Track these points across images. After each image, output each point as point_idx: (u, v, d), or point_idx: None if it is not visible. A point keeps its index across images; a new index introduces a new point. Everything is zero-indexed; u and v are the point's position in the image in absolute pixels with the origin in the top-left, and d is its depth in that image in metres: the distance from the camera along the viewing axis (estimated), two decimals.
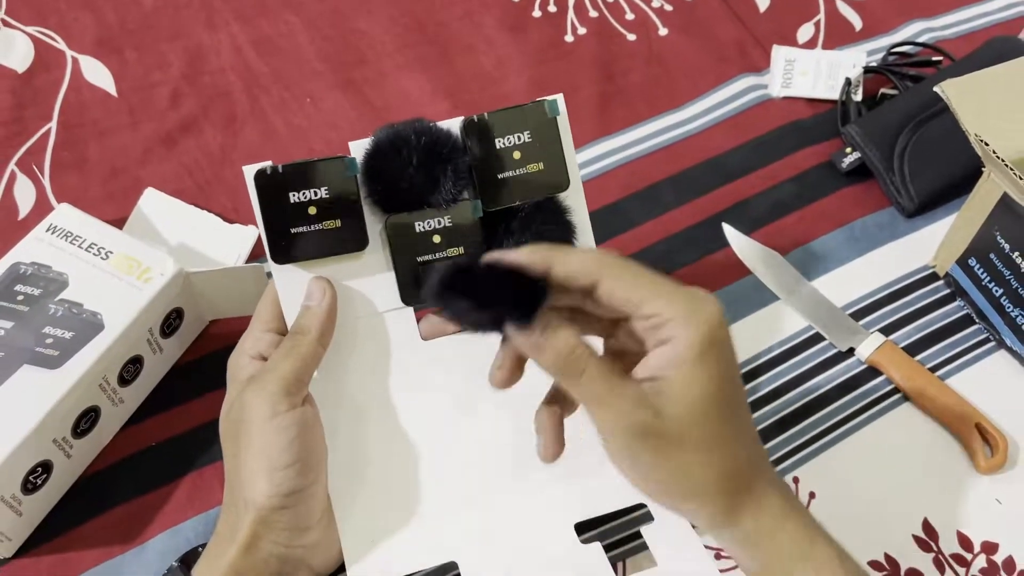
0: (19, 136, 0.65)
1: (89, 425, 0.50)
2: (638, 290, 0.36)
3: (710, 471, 0.37)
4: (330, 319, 0.43)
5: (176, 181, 0.64)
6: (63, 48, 0.70)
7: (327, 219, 0.42)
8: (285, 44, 0.73)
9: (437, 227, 0.43)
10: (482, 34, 0.75)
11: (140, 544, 0.49)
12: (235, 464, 0.41)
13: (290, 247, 0.42)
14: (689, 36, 0.76)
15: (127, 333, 0.49)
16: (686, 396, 0.36)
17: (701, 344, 0.35)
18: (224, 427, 0.43)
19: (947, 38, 0.77)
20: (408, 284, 0.44)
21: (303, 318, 0.42)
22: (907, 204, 0.65)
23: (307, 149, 0.67)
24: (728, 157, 0.68)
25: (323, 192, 0.41)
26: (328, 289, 0.43)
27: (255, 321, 0.45)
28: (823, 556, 0.39)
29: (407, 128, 0.42)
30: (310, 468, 0.41)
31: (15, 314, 0.49)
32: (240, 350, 0.44)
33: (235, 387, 0.43)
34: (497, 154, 0.43)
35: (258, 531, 0.39)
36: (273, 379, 0.40)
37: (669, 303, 0.36)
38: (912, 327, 0.60)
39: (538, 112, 0.44)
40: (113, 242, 0.52)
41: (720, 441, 0.37)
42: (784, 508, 0.39)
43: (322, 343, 0.42)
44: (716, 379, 0.36)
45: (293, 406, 0.40)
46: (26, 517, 0.48)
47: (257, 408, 0.40)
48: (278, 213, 0.41)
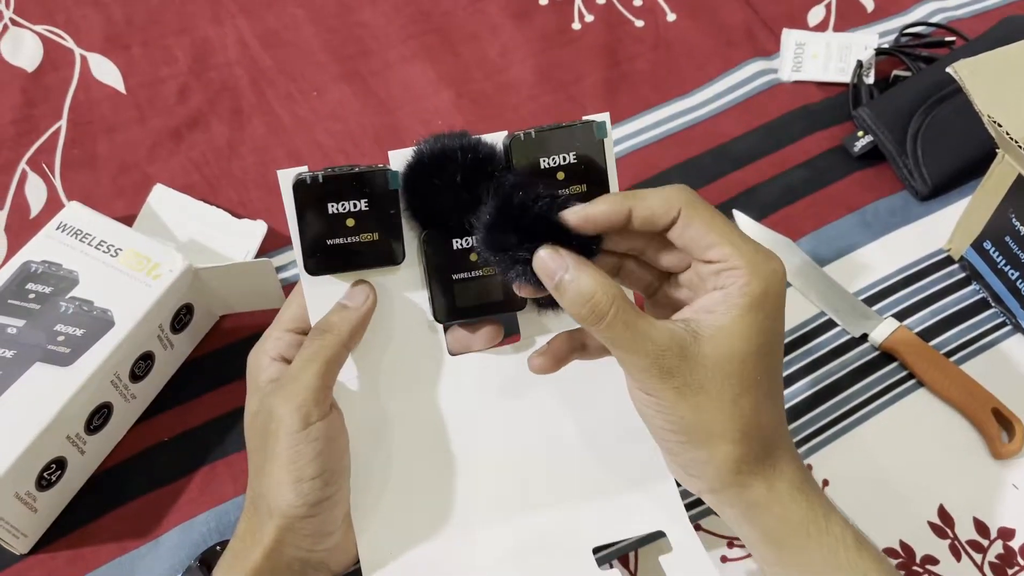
0: (29, 135, 0.65)
1: (102, 421, 0.50)
2: (711, 232, 0.37)
3: (731, 420, 0.36)
4: (363, 324, 0.41)
5: (185, 176, 0.64)
6: (71, 46, 0.70)
7: (365, 232, 0.40)
8: (290, 37, 0.72)
9: (474, 245, 0.42)
10: (487, 22, 0.74)
11: (154, 539, 0.49)
12: (261, 471, 0.40)
13: (324, 259, 0.40)
14: (697, 21, 0.75)
15: (138, 329, 0.50)
16: (726, 341, 0.36)
17: (757, 296, 0.36)
18: (250, 433, 0.42)
19: (960, 18, 0.76)
20: (441, 301, 0.43)
21: (335, 315, 0.41)
22: (920, 187, 0.64)
23: (312, 141, 0.67)
24: (738, 143, 0.68)
25: (363, 204, 0.40)
26: (371, 295, 0.41)
27: (277, 321, 0.43)
28: (839, 533, 0.38)
29: (453, 143, 0.41)
30: (335, 477, 0.40)
31: (27, 312, 0.49)
32: (260, 350, 0.43)
33: (256, 389, 0.42)
34: (541, 174, 0.42)
35: (283, 537, 0.39)
36: (300, 389, 0.39)
37: (738, 251, 0.36)
38: (927, 312, 0.59)
39: (585, 133, 0.42)
40: (122, 239, 0.52)
41: (748, 394, 0.37)
42: (800, 480, 0.38)
43: (348, 346, 0.41)
44: (761, 334, 0.36)
45: (322, 416, 0.39)
46: (41, 513, 0.48)
47: (286, 419, 0.39)
48: (314, 224, 0.40)
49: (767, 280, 0.36)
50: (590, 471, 0.46)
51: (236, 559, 0.40)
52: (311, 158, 0.66)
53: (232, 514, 0.50)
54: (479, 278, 0.42)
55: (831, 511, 0.39)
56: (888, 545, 0.51)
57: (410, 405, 0.44)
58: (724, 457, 0.37)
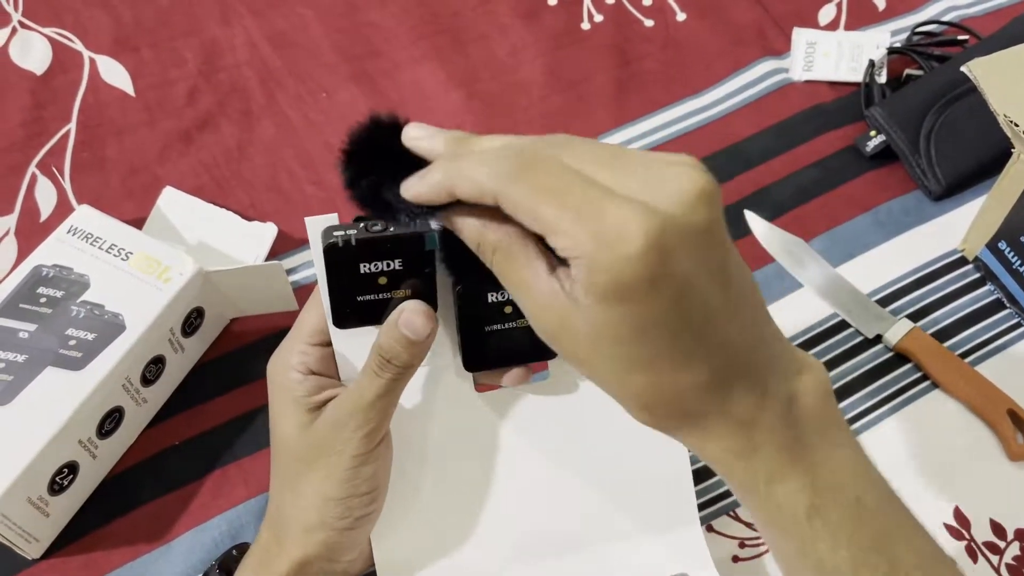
0: (39, 138, 0.65)
1: (113, 425, 0.50)
2: (537, 221, 0.29)
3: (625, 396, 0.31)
4: (424, 354, 0.40)
5: (194, 178, 0.64)
6: (80, 49, 0.70)
7: (397, 289, 0.39)
8: (299, 37, 0.72)
9: (509, 298, 0.41)
10: (496, 22, 0.74)
11: (166, 543, 0.49)
12: (297, 484, 0.40)
13: (354, 314, 0.40)
14: (707, 21, 0.75)
15: (149, 333, 0.50)
16: (587, 332, 0.29)
17: (607, 291, 0.28)
18: (293, 447, 0.40)
19: (973, 16, 0.76)
20: (472, 351, 0.42)
21: (408, 352, 0.38)
22: (934, 187, 0.63)
23: (323, 143, 0.66)
24: (749, 143, 0.67)
25: (396, 264, 0.39)
26: (435, 326, 0.39)
27: (298, 332, 0.42)
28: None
29: None
30: (380, 494, 0.41)
31: (38, 316, 0.49)
32: (285, 363, 0.41)
33: (291, 402, 0.40)
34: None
35: (319, 552, 0.40)
36: (374, 415, 0.38)
37: (572, 236, 0.28)
38: (941, 312, 0.59)
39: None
40: (133, 243, 0.52)
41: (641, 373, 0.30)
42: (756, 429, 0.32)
43: (411, 375, 0.40)
44: (626, 323, 0.28)
45: (383, 439, 0.40)
46: (53, 518, 0.48)
47: (353, 442, 0.39)
48: (345, 282, 0.39)
49: (613, 270, 0.27)
50: (615, 512, 0.46)
51: (261, 567, 0.40)
52: (321, 159, 0.65)
53: (244, 517, 0.50)
54: (512, 329, 0.41)
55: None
56: None
57: (436, 439, 0.44)
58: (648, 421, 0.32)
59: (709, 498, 0.51)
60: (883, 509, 0.33)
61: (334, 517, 0.39)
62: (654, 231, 0.26)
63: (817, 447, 0.32)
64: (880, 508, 0.33)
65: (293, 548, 0.40)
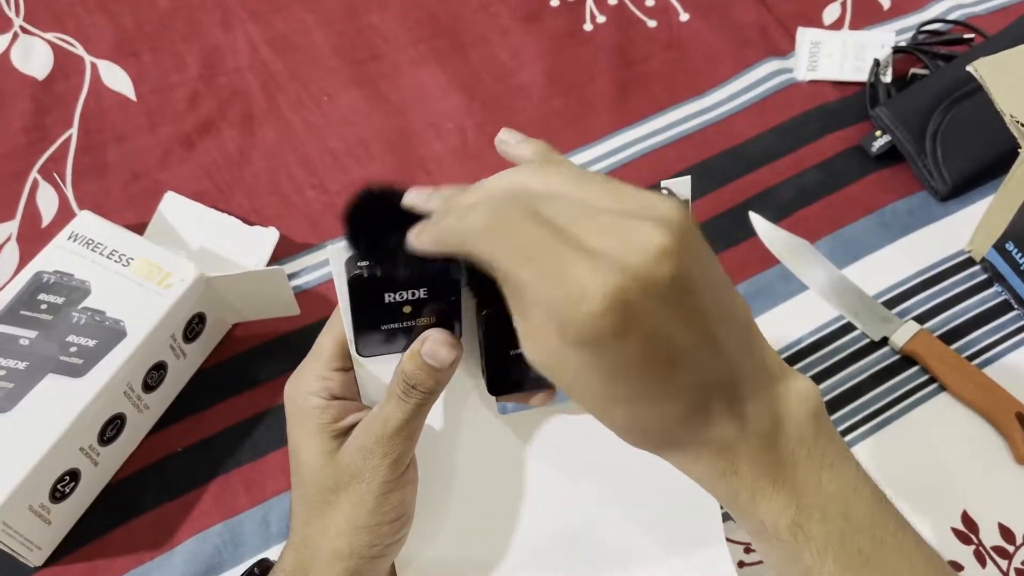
0: (41, 143, 0.65)
1: (115, 432, 0.50)
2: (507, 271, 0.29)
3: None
4: (448, 380, 0.40)
5: (196, 183, 0.64)
6: (82, 54, 0.70)
7: (421, 317, 0.39)
8: (300, 41, 0.72)
9: None
10: (497, 25, 0.74)
11: (168, 550, 0.49)
12: (323, 512, 0.40)
13: (378, 342, 0.40)
14: (711, 21, 0.74)
15: (150, 339, 0.49)
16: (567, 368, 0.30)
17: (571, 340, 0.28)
18: (317, 473, 0.40)
19: (978, 14, 0.75)
20: (495, 376, 0.41)
21: (432, 379, 0.38)
22: (940, 187, 0.63)
23: (324, 147, 0.66)
24: (753, 144, 0.67)
25: (422, 293, 0.38)
26: (458, 355, 0.39)
27: (318, 357, 0.41)
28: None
29: None
30: (408, 520, 0.41)
31: (39, 323, 0.49)
32: (306, 388, 0.40)
33: (316, 429, 0.40)
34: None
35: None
36: (400, 442, 0.38)
37: (538, 294, 0.29)
38: (948, 314, 0.58)
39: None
40: (134, 248, 0.52)
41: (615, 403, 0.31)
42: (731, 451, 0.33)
43: (435, 401, 0.40)
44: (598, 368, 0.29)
45: (409, 466, 0.40)
46: (55, 526, 0.48)
47: (382, 469, 0.39)
48: (369, 312, 0.39)
49: (578, 324, 0.28)
50: (641, 533, 0.45)
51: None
52: (322, 163, 0.65)
53: (246, 524, 0.50)
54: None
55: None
56: None
57: (459, 463, 0.44)
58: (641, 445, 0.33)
59: None
60: (875, 524, 0.33)
61: (364, 545, 0.39)
62: (614, 289, 0.27)
63: (801, 466, 0.33)
64: (872, 523, 0.33)
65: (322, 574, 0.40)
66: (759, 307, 0.59)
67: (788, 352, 0.57)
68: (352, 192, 0.35)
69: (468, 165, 0.65)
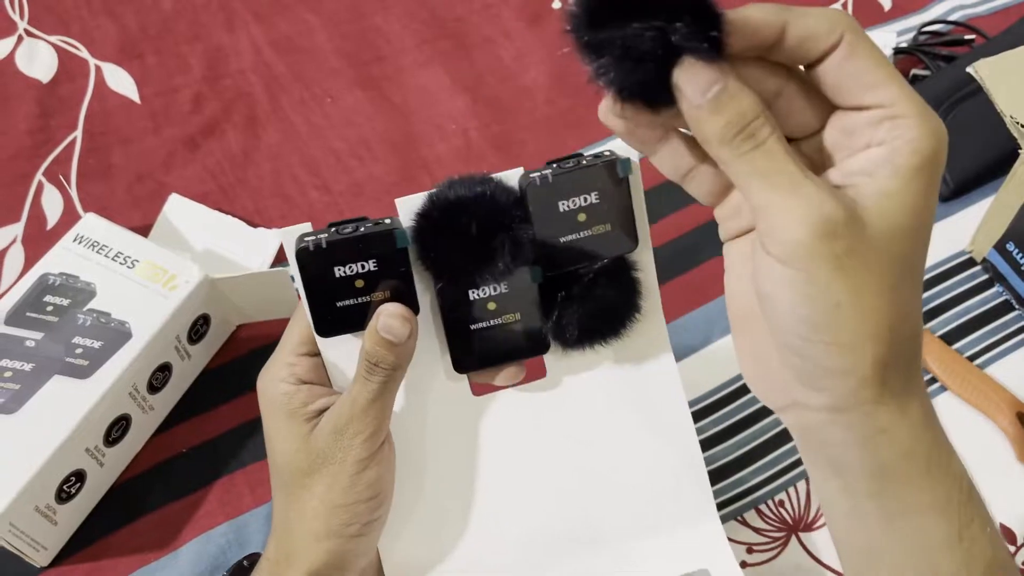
0: (45, 146, 0.66)
1: (120, 433, 0.50)
2: (879, 68, 0.29)
3: (887, 314, 0.29)
4: (411, 353, 0.40)
5: (200, 185, 0.64)
6: (86, 56, 0.70)
7: (375, 291, 0.39)
8: (304, 43, 0.72)
9: (492, 294, 0.40)
10: (500, 27, 0.74)
11: (173, 551, 0.49)
12: (299, 495, 0.40)
13: (336, 321, 0.39)
14: None
15: (155, 341, 0.50)
16: (895, 211, 0.29)
17: (928, 155, 0.28)
18: (293, 457, 0.40)
19: (979, 15, 0.75)
20: (460, 353, 0.41)
21: (393, 354, 0.38)
22: (941, 188, 0.63)
23: (327, 148, 0.66)
24: None
25: (371, 265, 0.38)
26: (413, 327, 0.39)
27: (285, 344, 0.42)
28: (959, 472, 0.32)
29: (466, 192, 0.38)
30: (386, 498, 0.41)
31: (45, 325, 0.49)
32: (275, 376, 0.41)
33: (287, 414, 0.40)
34: (560, 217, 0.39)
35: (329, 561, 0.40)
36: (371, 420, 0.39)
37: (905, 97, 0.28)
38: (949, 315, 0.59)
39: (608, 171, 0.39)
40: (139, 250, 0.52)
41: (907, 283, 0.30)
42: (930, 407, 0.32)
43: (402, 376, 0.40)
44: (927, 207, 0.29)
45: (383, 444, 0.40)
46: (61, 526, 0.48)
47: (355, 448, 0.39)
48: (323, 288, 0.38)
49: (938, 137, 0.28)
50: (628, 510, 0.45)
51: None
52: (326, 164, 0.66)
53: (251, 525, 0.50)
54: (499, 326, 0.41)
55: (952, 449, 0.33)
56: None
57: (437, 443, 0.44)
58: (871, 363, 0.29)
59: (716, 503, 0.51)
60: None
61: (341, 524, 0.39)
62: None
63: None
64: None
65: (302, 560, 0.40)
66: None
67: None
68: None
69: (471, 166, 0.66)
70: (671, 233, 0.62)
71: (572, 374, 0.44)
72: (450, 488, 0.44)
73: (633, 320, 0.42)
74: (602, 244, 0.40)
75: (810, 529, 0.51)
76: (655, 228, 0.62)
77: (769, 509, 0.51)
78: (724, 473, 0.53)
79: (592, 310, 0.41)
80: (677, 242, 0.62)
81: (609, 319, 0.42)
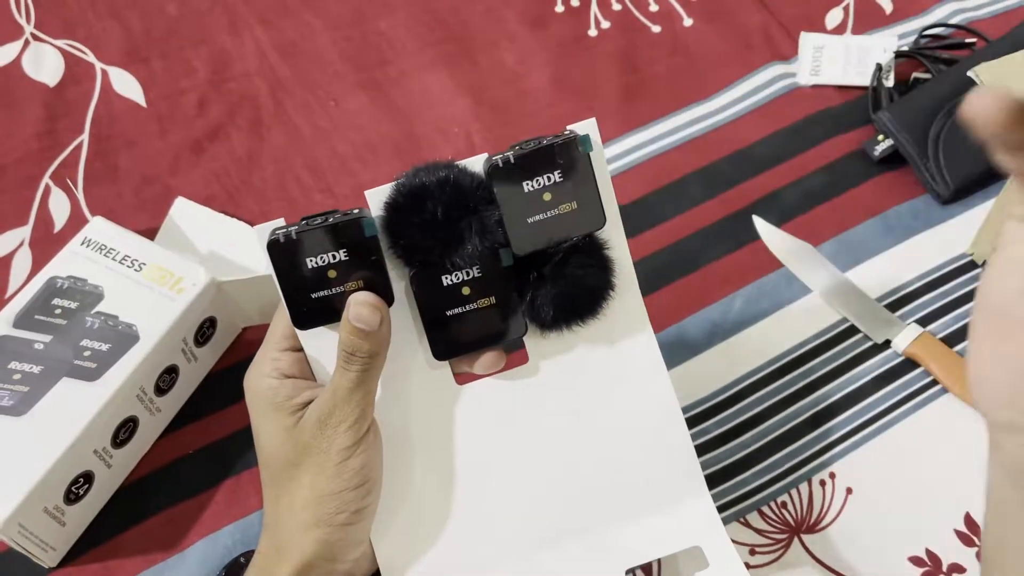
0: (52, 149, 0.66)
1: (128, 435, 0.50)
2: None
3: None
4: (387, 340, 0.40)
5: (205, 188, 0.64)
6: (92, 60, 0.71)
7: (349, 280, 0.39)
8: (307, 46, 0.73)
9: (466, 279, 0.41)
10: (504, 30, 0.74)
11: (180, 551, 0.50)
12: (288, 488, 0.41)
13: (312, 313, 0.40)
14: (714, 25, 0.75)
15: (162, 343, 0.50)
16: None
17: None
18: (277, 450, 0.41)
19: (980, 18, 0.75)
20: (438, 339, 0.42)
21: (368, 342, 0.39)
22: (942, 190, 0.63)
23: (331, 151, 0.67)
24: (756, 148, 0.67)
25: (342, 255, 0.39)
26: (384, 314, 0.40)
27: (269, 340, 0.43)
28: None
29: (430, 178, 0.39)
30: (374, 486, 0.41)
31: (53, 328, 0.50)
32: (260, 372, 0.42)
33: (274, 408, 0.41)
34: (525, 198, 0.40)
35: (319, 551, 0.40)
36: (354, 408, 0.39)
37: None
38: (950, 317, 0.59)
39: (569, 149, 0.40)
40: (146, 254, 0.53)
41: None
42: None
43: (382, 364, 0.41)
44: None
45: (368, 432, 0.40)
46: (69, 527, 0.49)
47: (339, 436, 0.39)
48: (296, 280, 0.39)
49: None
50: (619, 490, 0.45)
51: (263, 574, 0.40)
52: (330, 167, 0.66)
53: (257, 526, 0.51)
54: (475, 311, 0.41)
55: None
56: (914, 553, 0.50)
57: (423, 433, 0.44)
58: None
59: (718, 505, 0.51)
60: None
61: (330, 512, 0.40)
62: None
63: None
64: None
65: (293, 552, 0.40)
66: (763, 310, 0.59)
67: (791, 355, 0.57)
68: None
69: None
70: (672, 237, 0.62)
71: (553, 358, 0.44)
72: (438, 477, 0.44)
73: (608, 298, 0.43)
74: (570, 223, 0.41)
75: (812, 531, 0.51)
76: (656, 232, 0.63)
77: (772, 510, 0.52)
78: (727, 475, 0.53)
79: (565, 289, 0.42)
80: (678, 245, 0.62)
81: (583, 298, 0.43)
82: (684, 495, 0.46)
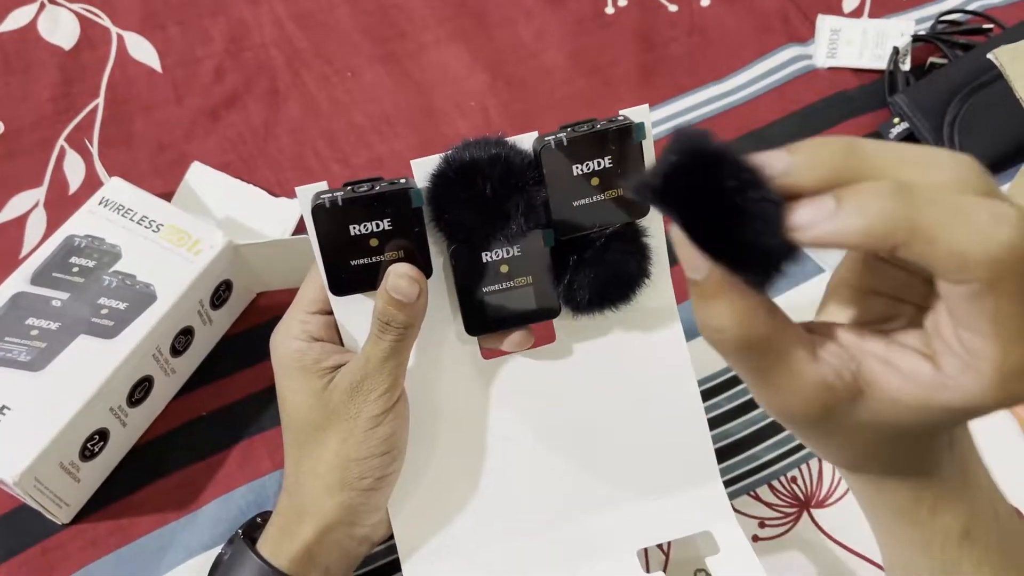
0: (68, 112, 0.66)
1: (143, 394, 0.51)
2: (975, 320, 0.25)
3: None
4: (423, 312, 0.40)
5: (221, 155, 0.64)
6: (108, 25, 0.71)
7: (389, 251, 0.39)
8: (325, 18, 0.73)
9: (505, 256, 0.41)
10: (521, 6, 0.74)
11: (193, 511, 0.50)
12: (313, 451, 0.41)
13: (350, 280, 0.40)
14: (731, 6, 0.75)
15: (179, 304, 0.50)
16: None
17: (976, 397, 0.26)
18: (306, 413, 0.41)
19: (997, 5, 0.75)
20: (472, 315, 0.41)
21: (404, 313, 0.39)
22: None
23: (348, 123, 0.67)
24: (772, 129, 0.67)
25: (385, 224, 0.38)
26: (422, 287, 0.39)
27: (299, 302, 0.43)
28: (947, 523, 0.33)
29: (481, 154, 0.39)
30: (400, 454, 0.42)
31: (71, 285, 0.50)
32: (288, 334, 0.42)
33: (300, 370, 0.41)
34: (573, 181, 0.40)
35: (340, 516, 0.40)
36: (386, 376, 0.39)
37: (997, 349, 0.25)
38: None
39: (622, 136, 0.39)
40: (164, 215, 0.53)
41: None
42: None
43: (416, 334, 0.40)
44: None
45: (398, 401, 0.41)
46: (84, 484, 0.49)
47: (369, 404, 0.39)
48: (337, 246, 0.39)
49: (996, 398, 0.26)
50: (633, 472, 0.46)
51: (283, 535, 0.41)
52: (346, 139, 0.66)
53: (269, 488, 0.51)
54: (510, 289, 0.41)
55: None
56: None
57: (447, 406, 0.44)
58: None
59: (729, 478, 0.52)
60: (1012, 519, 0.34)
61: (355, 477, 0.40)
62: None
63: (971, 465, 0.32)
64: (1009, 519, 0.33)
65: (315, 513, 0.40)
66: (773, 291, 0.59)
67: None
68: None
69: None
70: None
71: (581, 339, 0.44)
72: (459, 449, 0.45)
73: (643, 286, 0.43)
74: (615, 209, 0.41)
75: (822, 506, 0.51)
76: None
77: (782, 485, 0.52)
78: (737, 448, 0.53)
79: (604, 275, 0.42)
80: None
81: (620, 284, 0.42)
82: (698, 480, 0.46)
